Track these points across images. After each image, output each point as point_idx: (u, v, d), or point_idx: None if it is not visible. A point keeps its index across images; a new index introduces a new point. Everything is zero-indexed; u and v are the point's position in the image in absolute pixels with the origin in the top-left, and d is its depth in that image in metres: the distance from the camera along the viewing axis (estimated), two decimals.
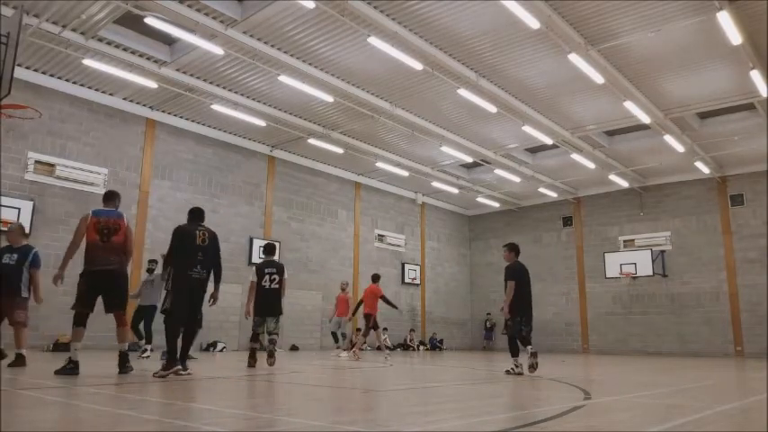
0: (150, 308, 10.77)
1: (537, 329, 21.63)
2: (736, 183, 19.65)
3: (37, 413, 3.76)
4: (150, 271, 11.18)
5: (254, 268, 9.25)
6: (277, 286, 8.95)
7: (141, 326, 10.92)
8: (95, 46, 12.07)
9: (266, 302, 8.86)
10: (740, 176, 19.54)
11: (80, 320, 6.55)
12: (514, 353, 8.17)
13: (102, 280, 6.54)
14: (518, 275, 8.28)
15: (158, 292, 10.89)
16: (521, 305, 8.19)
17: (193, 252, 6.74)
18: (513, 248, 8.58)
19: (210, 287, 7.05)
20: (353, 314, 12.76)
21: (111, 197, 7.08)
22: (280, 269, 9.06)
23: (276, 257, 9.64)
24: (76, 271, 6.69)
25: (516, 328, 8.17)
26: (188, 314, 6.78)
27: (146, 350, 10.74)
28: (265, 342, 9.40)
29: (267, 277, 8.90)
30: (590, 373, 9.84)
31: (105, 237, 6.60)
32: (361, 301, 13.02)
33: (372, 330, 12.79)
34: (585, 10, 10.74)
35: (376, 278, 13.19)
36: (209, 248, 6.86)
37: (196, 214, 7.22)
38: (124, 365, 6.61)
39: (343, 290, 15.37)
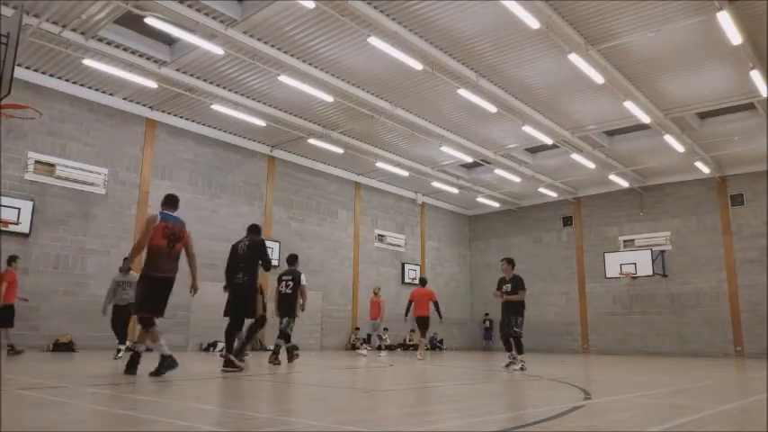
0: (127, 308, 10.32)
1: (537, 329, 21.64)
2: (736, 183, 19.64)
3: (37, 413, 3.76)
4: (127, 270, 9.61)
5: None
6: (290, 291, 9.95)
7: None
8: (95, 46, 12.06)
9: (280, 305, 10.09)
10: (740, 176, 19.53)
11: (150, 321, 6.50)
12: (520, 350, 9.31)
13: (163, 286, 6.54)
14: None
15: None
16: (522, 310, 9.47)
17: (236, 262, 7.92)
18: (512, 262, 9.84)
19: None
20: (406, 315, 13.55)
21: (174, 202, 6.92)
22: (295, 276, 10.09)
23: (296, 266, 10.48)
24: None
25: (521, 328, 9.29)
26: (232, 314, 7.85)
27: (120, 350, 10.47)
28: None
29: (283, 283, 10.13)
30: (590, 373, 9.84)
31: (171, 243, 6.58)
32: (410, 303, 13.52)
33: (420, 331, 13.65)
34: (585, 10, 10.73)
35: (424, 282, 14.23)
36: (247, 256, 7.89)
37: (249, 229, 8.32)
38: (134, 367, 6.51)
39: (375, 294, 15.98)
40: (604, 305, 21.82)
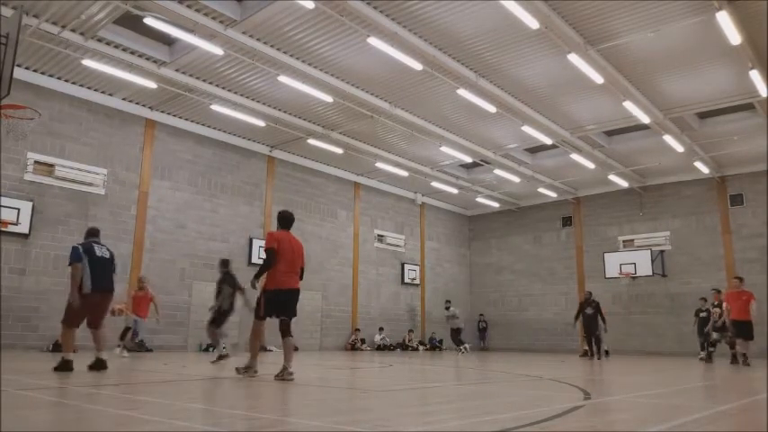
0: None
1: (536, 329, 21.47)
2: (736, 183, 19.65)
3: (37, 413, 3.76)
4: None
5: None
6: None
7: None
8: (95, 46, 12.06)
9: None
10: (740, 176, 19.54)
11: None
12: None
13: None
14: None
15: None
16: None
17: None
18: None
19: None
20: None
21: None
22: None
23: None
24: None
25: None
26: None
27: None
28: None
29: None
30: (590, 373, 9.84)
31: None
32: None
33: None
34: (585, 10, 10.74)
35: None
36: None
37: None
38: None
39: (141, 288, 12.23)
40: (604, 305, 21.67)
